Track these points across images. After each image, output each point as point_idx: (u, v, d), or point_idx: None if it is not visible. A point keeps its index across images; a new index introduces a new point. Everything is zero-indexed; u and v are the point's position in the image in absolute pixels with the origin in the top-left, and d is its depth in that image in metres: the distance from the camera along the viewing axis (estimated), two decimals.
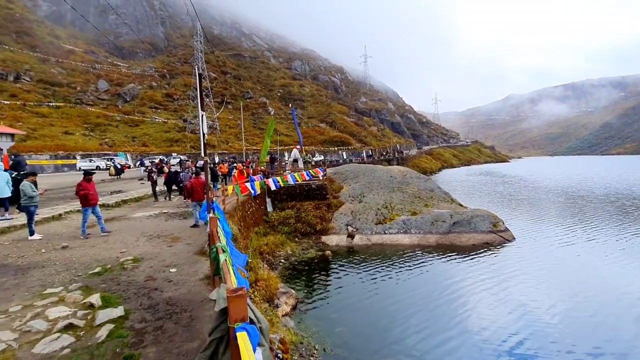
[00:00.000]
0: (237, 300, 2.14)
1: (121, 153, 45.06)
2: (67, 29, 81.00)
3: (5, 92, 52.66)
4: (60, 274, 6.12)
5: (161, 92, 72.98)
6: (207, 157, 5.75)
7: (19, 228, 9.78)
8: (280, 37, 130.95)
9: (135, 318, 4.47)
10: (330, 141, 70.83)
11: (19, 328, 4.03)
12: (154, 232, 9.69)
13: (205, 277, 6.01)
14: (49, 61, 65.23)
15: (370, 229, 17.88)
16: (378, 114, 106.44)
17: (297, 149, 25.63)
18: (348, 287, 12.32)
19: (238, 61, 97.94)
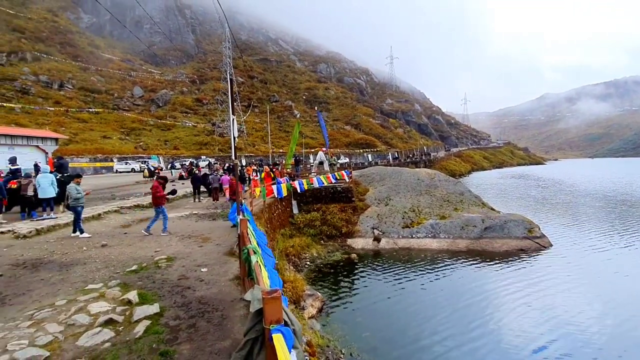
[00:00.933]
0: (273, 302, 2.16)
1: (154, 156, 47.04)
2: (105, 39, 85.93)
3: (51, 99, 56.56)
4: (100, 271, 6.44)
5: (191, 97, 75.65)
6: (237, 159, 5.86)
7: (63, 226, 10.40)
8: (305, 40, 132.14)
9: (169, 315, 4.62)
10: (355, 143, 70.47)
11: (64, 321, 4.27)
12: (185, 233, 10.00)
13: (235, 278, 6.12)
14: (89, 70, 69.40)
15: (397, 233, 17.56)
16: (404, 115, 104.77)
17: (322, 152, 25.69)
18: (374, 292, 12.15)
19: (264, 65, 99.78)
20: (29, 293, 5.37)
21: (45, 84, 59.98)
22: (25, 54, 63.26)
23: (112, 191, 19.99)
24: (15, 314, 4.61)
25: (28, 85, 57.07)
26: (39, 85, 58.83)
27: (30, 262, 7.00)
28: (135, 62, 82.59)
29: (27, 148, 34.25)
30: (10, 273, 6.34)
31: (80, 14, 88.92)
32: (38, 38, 69.29)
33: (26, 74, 59.13)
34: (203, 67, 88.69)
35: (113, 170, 40.10)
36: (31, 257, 7.40)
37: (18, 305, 4.89)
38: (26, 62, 62.18)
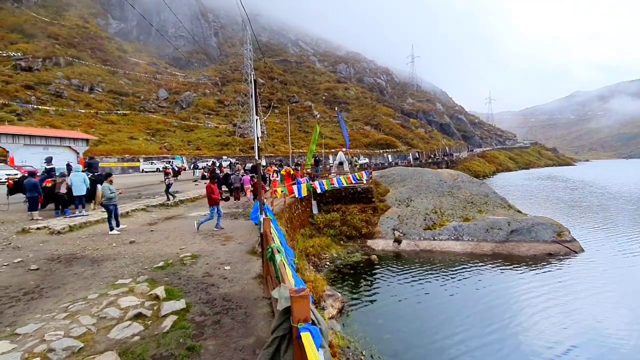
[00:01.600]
0: (301, 300, 2.15)
1: (178, 156, 48.38)
2: (132, 44, 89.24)
3: (82, 102, 59.23)
4: (129, 267, 6.67)
5: (213, 99, 77.32)
6: (260, 160, 5.92)
7: (93, 223, 10.86)
8: (325, 41, 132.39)
9: (195, 311, 4.71)
10: (375, 144, 69.92)
11: (97, 314, 4.44)
12: (208, 231, 10.19)
13: (258, 276, 6.18)
14: (117, 73, 72.21)
15: (419, 235, 17.25)
16: (425, 115, 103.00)
17: (342, 152, 25.63)
18: (395, 294, 11.98)
19: (284, 66, 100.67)
20: (63, 286, 5.62)
21: (77, 88, 62.91)
22: (59, 59, 66.56)
23: (139, 190, 20.67)
24: (51, 306, 4.84)
25: (61, 88, 60.03)
26: (71, 88, 61.76)
27: (64, 257, 7.33)
28: (161, 66, 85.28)
29: (60, 148, 36.05)
30: (46, 267, 6.67)
31: (109, 19, 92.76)
32: (70, 44, 72.77)
33: (60, 78, 62.22)
34: (225, 70, 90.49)
35: (139, 169, 41.54)
36: (65, 252, 7.75)
37: (54, 298, 5.14)
38: (60, 67, 65.43)
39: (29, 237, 9.10)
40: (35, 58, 63.40)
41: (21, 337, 3.85)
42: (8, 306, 4.84)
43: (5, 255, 7.48)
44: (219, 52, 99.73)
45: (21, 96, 52.77)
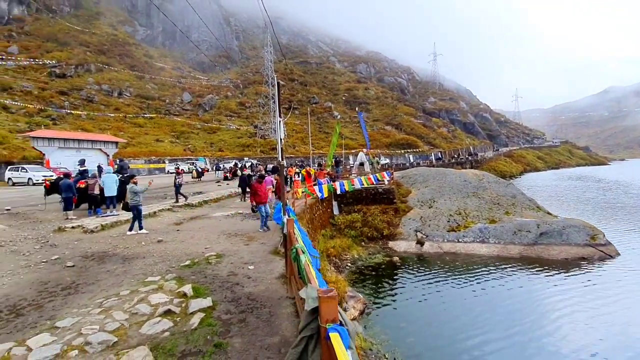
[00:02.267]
0: (329, 301, 2.16)
1: (201, 158, 49.63)
2: (158, 50, 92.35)
3: (111, 106, 61.86)
4: (158, 265, 6.89)
5: (235, 101, 78.83)
6: (283, 161, 5.98)
7: (123, 222, 11.27)
8: (345, 41, 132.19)
9: (221, 309, 4.81)
10: (396, 144, 69.09)
11: (129, 310, 4.62)
12: (231, 231, 10.39)
13: (281, 276, 6.24)
14: (144, 78, 74.95)
15: (442, 236, 16.89)
16: (448, 114, 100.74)
17: (363, 153, 25.48)
18: (418, 296, 11.78)
19: (304, 68, 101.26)
20: (97, 283, 5.89)
21: (106, 93, 65.77)
22: (90, 65, 69.80)
23: (165, 191, 21.30)
24: (86, 301, 5.08)
25: (92, 94, 62.93)
26: (101, 93, 64.64)
27: (98, 255, 7.68)
28: (185, 70, 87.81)
29: (92, 151, 37.76)
30: (81, 264, 7.01)
31: (137, 27, 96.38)
32: (101, 51, 76.16)
33: (91, 84, 65.25)
34: (246, 72, 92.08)
35: (165, 171, 42.89)
36: (98, 250, 8.11)
37: (89, 294, 5.38)
38: (91, 73, 68.61)
39: (65, 236, 9.58)
40: (68, 65, 66.81)
41: (60, 330, 4.06)
42: (48, 300, 5.12)
43: (43, 252, 7.91)
44: (240, 55, 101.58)
45: (56, 102, 55.74)
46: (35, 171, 28.42)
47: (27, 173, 28.09)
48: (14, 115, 47.65)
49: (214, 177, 34.13)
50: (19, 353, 3.56)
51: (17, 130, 42.09)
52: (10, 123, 44.34)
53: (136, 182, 10.49)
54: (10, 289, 5.60)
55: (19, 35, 70.91)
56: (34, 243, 8.71)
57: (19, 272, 6.49)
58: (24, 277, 6.17)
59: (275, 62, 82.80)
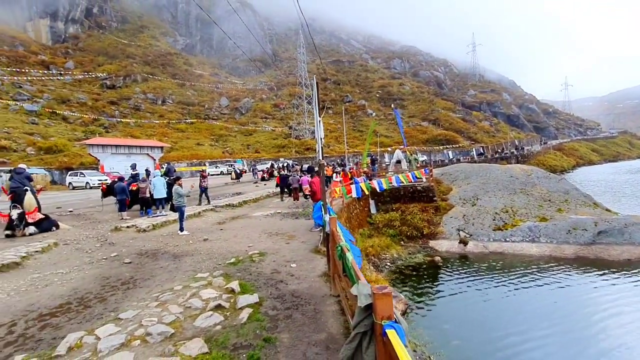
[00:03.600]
0: (384, 298, 2.13)
1: (239, 160, 51.26)
2: (197, 57, 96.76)
3: (156, 113, 65.77)
4: (205, 262, 7.21)
5: (270, 103, 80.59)
6: (323, 160, 6.00)
7: (172, 222, 11.92)
8: (377, 37, 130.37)
9: (267, 305, 4.93)
10: (434, 140, 66.91)
11: (183, 304, 4.87)
12: (272, 230, 10.61)
13: (323, 274, 6.27)
14: (185, 86, 78.88)
15: (487, 236, 16.08)
16: (490, 107, 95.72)
17: (400, 150, 24.96)
18: (463, 298, 11.31)
19: (337, 67, 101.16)
20: (152, 278, 6.28)
21: (152, 101, 70.06)
22: (137, 76, 74.72)
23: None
24: (144, 295, 5.43)
25: (139, 102, 67.33)
26: (147, 102, 68.97)
27: (151, 252, 8.18)
28: (222, 75, 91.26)
29: (140, 156, 40.34)
30: (137, 261, 7.51)
31: (177, 37, 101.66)
32: (145, 62, 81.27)
33: (137, 93, 69.86)
34: (279, 74, 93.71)
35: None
36: (151, 248, 8.64)
37: (146, 288, 5.75)
38: (137, 83, 73.44)
39: (121, 234, 10.33)
40: (117, 77, 72.02)
41: (123, 322, 4.38)
42: (110, 294, 5.54)
43: (103, 250, 8.58)
44: (274, 58, 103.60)
45: (107, 111, 60.32)
46: (92, 176, 30.93)
47: (85, 177, 30.65)
48: (72, 125, 52.21)
49: (252, 178, 35.10)
50: (89, 341, 3.88)
51: (75, 138, 46.09)
52: (69, 132, 48.66)
53: (181, 184, 11.04)
54: (77, 283, 6.13)
55: (74, 52, 77.58)
56: (94, 241, 9.47)
57: (83, 267, 7.09)
58: (89, 273, 6.73)
59: (308, 62, 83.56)
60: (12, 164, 32.13)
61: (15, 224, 9.85)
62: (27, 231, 10.02)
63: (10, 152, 37.21)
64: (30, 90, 56.47)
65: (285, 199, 18.49)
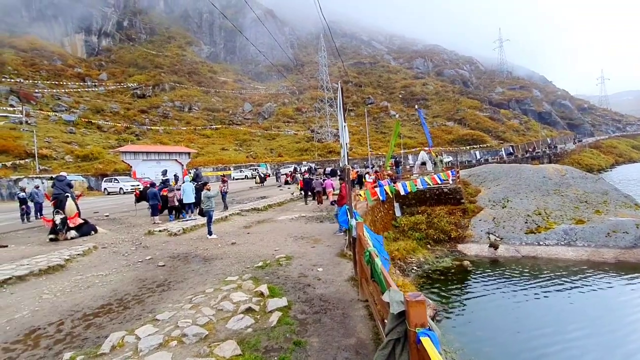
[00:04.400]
0: (418, 305, 2.13)
1: (263, 164, 52.09)
2: (221, 65, 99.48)
3: (183, 120, 68.09)
4: (234, 265, 7.40)
5: (292, 107, 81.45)
6: (349, 165, 6.03)
7: (200, 226, 12.29)
8: (399, 37, 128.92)
9: (296, 309, 5.00)
10: (460, 140, 65.14)
11: (215, 306, 5.03)
12: (297, 234, 10.72)
13: (350, 279, 6.28)
14: (209, 93, 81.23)
15: (519, 239, 15.47)
16: (519, 104, 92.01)
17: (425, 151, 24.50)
18: (494, 304, 10.94)
19: (358, 69, 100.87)
20: (185, 281, 6.51)
21: (179, 108, 72.64)
22: (165, 85, 77.76)
23: (232, 196, 22.77)
24: (178, 297, 5.65)
25: (167, 110, 69.98)
26: (174, 109, 71.57)
27: (183, 255, 8.49)
28: (245, 81, 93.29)
29: (169, 162, 41.88)
30: (170, 264, 7.81)
31: (202, 46, 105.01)
32: (173, 71, 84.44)
33: (165, 102, 72.65)
34: (301, 78, 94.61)
35: (230, 177, 45.87)
36: (182, 251, 8.96)
37: (179, 290, 5.98)
38: (165, 92, 76.41)
39: (154, 238, 10.77)
40: (147, 86, 75.25)
41: (160, 322, 4.58)
42: (147, 295, 5.81)
43: (138, 253, 8.99)
44: (295, 62, 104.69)
45: (138, 119, 63.11)
46: (125, 181, 32.43)
47: (119, 183, 32.18)
48: (106, 133, 55.01)
49: (275, 182, 35.56)
50: (130, 341, 4.09)
51: (109, 146, 48.54)
52: (103, 140, 51.30)
53: (209, 188, 11.39)
54: (116, 285, 6.46)
55: (107, 64, 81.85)
56: (130, 245, 9.93)
57: (121, 270, 7.46)
58: (126, 275, 7.08)
59: (330, 65, 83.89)
60: (53, 172, 34.23)
61: (59, 229, 10.51)
62: (68, 235, 10.66)
63: (50, 160, 39.70)
64: (68, 102, 60.06)
65: (309, 203, 18.61)
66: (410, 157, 50.41)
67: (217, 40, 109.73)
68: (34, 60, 68.13)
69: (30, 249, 9.53)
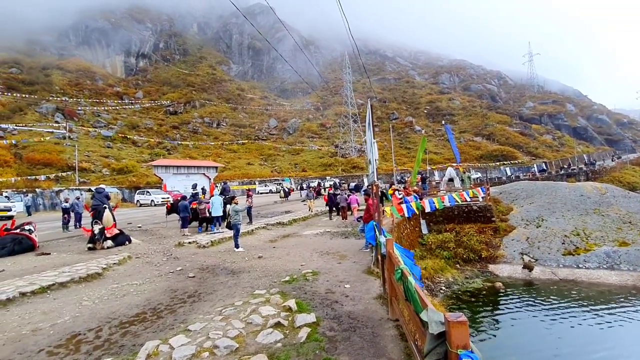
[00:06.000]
0: (460, 326, 2.08)
1: (287, 178, 52.74)
2: (248, 82, 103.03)
3: (212, 135, 70.53)
4: (262, 279, 7.46)
5: (316, 123, 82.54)
6: (377, 182, 6.02)
7: (228, 239, 12.51)
8: (424, 53, 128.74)
9: (325, 326, 4.95)
10: (488, 156, 63.25)
11: (244, 319, 5.08)
12: (323, 249, 10.68)
13: (378, 297, 6.16)
14: (237, 109, 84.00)
15: (556, 261, 14.63)
16: (552, 119, 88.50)
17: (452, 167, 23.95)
18: (529, 329, 10.33)
19: (382, 85, 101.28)
20: (214, 292, 6.63)
21: (208, 124, 75.47)
22: (195, 102, 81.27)
23: (257, 209, 23.12)
24: (208, 308, 5.75)
25: (197, 126, 72.86)
26: (204, 125, 74.41)
27: (211, 267, 8.66)
28: (270, 98, 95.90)
29: (197, 175, 43.21)
30: (200, 275, 7.99)
31: (231, 65, 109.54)
32: (203, 89, 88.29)
33: (195, 118, 75.75)
34: (325, 94, 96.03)
35: (255, 191, 46.69)
36: (211, 263, 9.15)
37: (209, 302, 6.09)
38: (196, 109, 79.77)
39: (184, 250, 11.07)
40: (179, 104, 78.96)
41: (192, 333, 4.67)
42: (179, 306, 5.95)
43: (169, 264, 9.26)
44: (320, 79, 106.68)
45: (170, 135, 66.02)
46: (156, 194, 33.75)
47: (150, 196, 33.52)
48: (140, 148, 57.83)
49: (299, 196, 35.79)
50: (165, 350, 4.19)
51: (142, 160, 50.93)
52: (137, 155, 53.91)
53: (237, 202, 11.64)
54: (150, 294, 6.67)
55: (143, 83, 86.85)
56: (161, 255, 10.26)
57: (154, 280, 7.70)
58: (159, 285, 7.30)
59: (354, 82, 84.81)
60: (91, 184, 36.23)
61: (97, 238, 11.05)
62: (105, 245, 11.17)
63: (89, 173, 42.10)
64: (107, 118, 63.93)
65: (333, 218, 18.58)
66: (436, 173, 49.41)
67: (246, 59, 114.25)
68: (79, 80, 73.39)
69: (71, 257, 10.05)
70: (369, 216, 9.94)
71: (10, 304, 6.17)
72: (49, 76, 69.47)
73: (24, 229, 11.45)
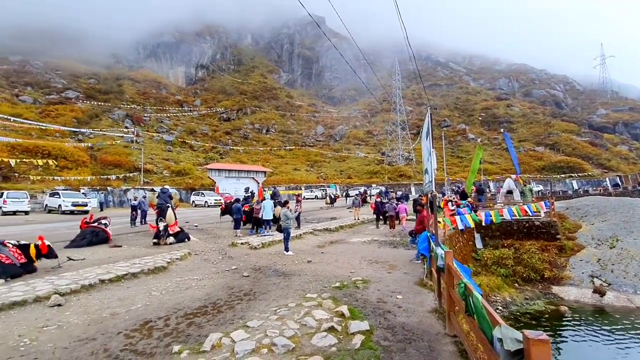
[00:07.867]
0: (541, 345, 1.99)
1: (332, 185, 53.01)
2: (297, 90, 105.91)
3: (261, 141, 73.37)
4: (312, 283, 7.58)
5: (363, 130, 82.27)
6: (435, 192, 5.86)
7: (277, 242, 12.89)
8: (480, 57, 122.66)
9: (379, 335, 4.90)
10: (552, 167, 58.12)
11: (299, 321, 5.20)
12: (371, 258, 10.57)
13: (433, 310, 5.96)
14: (286, 116, 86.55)
15: (633, 287, 13.01)
16: (628, 128, 79.20)
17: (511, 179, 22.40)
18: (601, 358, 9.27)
19: (433, 91, 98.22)
20: (268, 293, 6.87)
21: (258, 130, 78.69)
22: (247, 109, 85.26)
23: (304, 215, 23.47)
24: (264, 307, 5.98)
25: (248, 132, 76.32)
26: (254, 131, 77.71)
27: (264, 268, 8.99)
28: (318, 105, 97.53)
29: (247, 179, 45.09)
30: (253, 275, 8.33)
31: (281, 73, 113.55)
32: (254, 96, 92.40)
33: (247, 124, 79.42)
34: (373, 102, 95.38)
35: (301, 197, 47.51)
36: (262, 264, 9.49)
37: (264, 301, 6.33)
38: (247, 115, 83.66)
39: (237, 250, 11.62)
40: (232, 111, 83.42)
41: (251, 329, 4.89)
42: (236, 303, 6.26)
43: (225, 262, 9.77)
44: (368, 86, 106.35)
45: (223, 140, 69.87)
46: (210, 196, 35.82)
47: (205, 197, 35.65)
48: (196, 152, 61.90)
49: (344, 203, 35.78)
50: (227, 342, 4.44)
51: (198, 163, 54.43)
52: (193, 158, 57.74)
53: (289, 207, 11.97)
54: (209, 290, 7.10)
55: (200, 92, 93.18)
56: (217, 254, 10.86)
57: (212, 276, 8.18)
58: (217, 281, 7.74)
59: (403, 88, 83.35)
60: (153, 184, 39.42)
61: (161, 234, 12.01)
62: (168, 241, 12.09)
63: (152, 174, 45.89)
64: (168, 124, 69.39)
65: (380, 226, 18.31)
66: (492, 184, 46.55)
67: (295, 67, 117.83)
68: (146, 90, 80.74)
69: (139, 250, 11.03)
70: (422, 227, 9.67)
71: (92, 289, 6.93)
72: (121, 86, 77.32)
73: (101, 222, 12.79)
